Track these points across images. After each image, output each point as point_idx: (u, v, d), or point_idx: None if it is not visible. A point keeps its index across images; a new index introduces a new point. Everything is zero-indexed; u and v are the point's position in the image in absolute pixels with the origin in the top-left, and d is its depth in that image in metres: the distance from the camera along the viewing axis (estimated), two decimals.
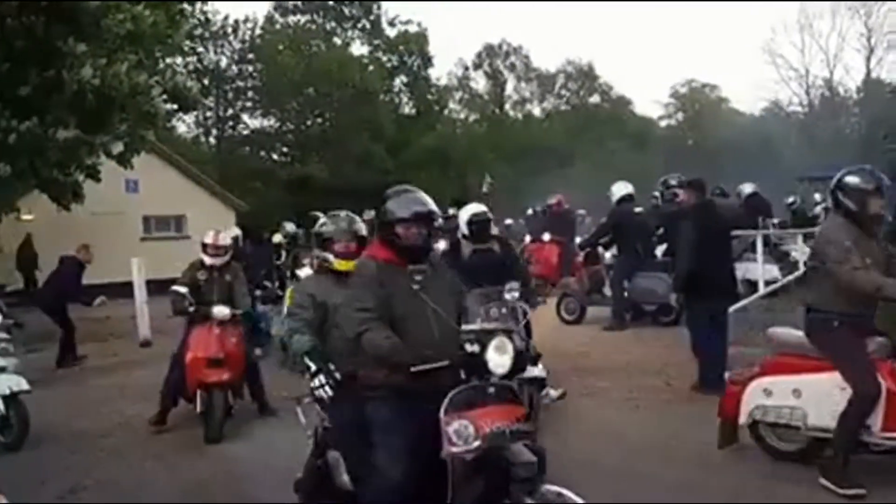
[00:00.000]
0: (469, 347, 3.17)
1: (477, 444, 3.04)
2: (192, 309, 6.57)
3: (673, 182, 10.47)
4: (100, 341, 10.66)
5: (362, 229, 4.19)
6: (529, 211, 17.35)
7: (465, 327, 3.34)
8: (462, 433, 3.05)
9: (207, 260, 6.89)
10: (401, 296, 3.41)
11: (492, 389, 3.19)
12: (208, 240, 6.96)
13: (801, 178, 24.28)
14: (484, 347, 3.16)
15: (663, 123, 53.49)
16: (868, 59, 43.25)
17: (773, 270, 11.18)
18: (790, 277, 11.67)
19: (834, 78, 45.38)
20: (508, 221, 18.77)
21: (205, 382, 6.28)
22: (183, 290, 6.62)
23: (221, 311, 6.53)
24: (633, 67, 73.92)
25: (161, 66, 13.96)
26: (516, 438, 3.12)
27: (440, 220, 4.23)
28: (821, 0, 45.98)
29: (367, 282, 3.41)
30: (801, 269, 12.34)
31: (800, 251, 12.67)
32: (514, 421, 3.13)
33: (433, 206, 3.55)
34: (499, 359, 3.18)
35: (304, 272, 9.01)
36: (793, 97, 46.79)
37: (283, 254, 11.15)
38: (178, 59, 28.02)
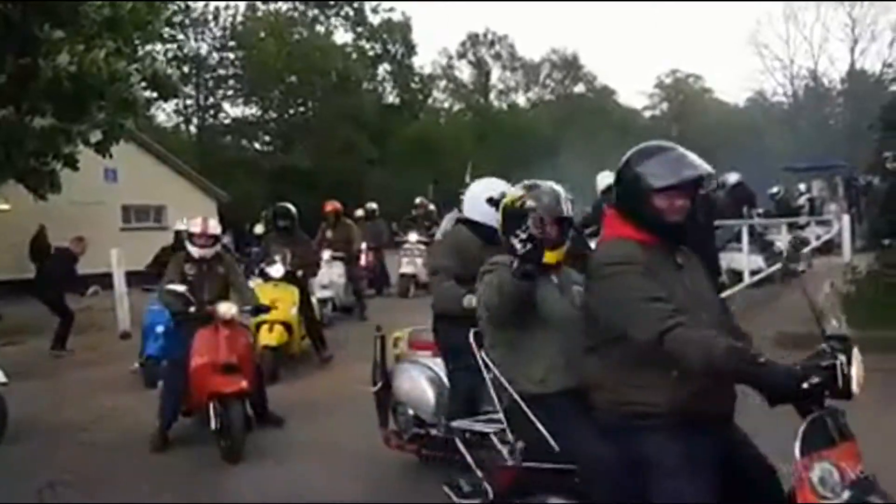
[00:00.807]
0: (841, 359, 2.33)
1: (847, 494, 2.29)
2: (192, 310, 5.64)
3: None
4: (79, 333, 10.48)
5: (570, 209, 3.31)
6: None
7: (832, 331, 2.48)
8: (827, 481, 2.31)
9: (196, 252, 6.03)
10: (670, 287, 2.54)
11: (844, 419, 2.41)
12: (196, 228, 6.10)
13: (785, 168, 24.43)
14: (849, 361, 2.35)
15: (648, 114, 53.76)
16: (852, 50, 43.69)
17: (759, 261, 11.20)
18: (775, 267, 11.71)
19: (818, 68, 45.86)
20: None
21: (218, 393, 5.32)
22: (181, 288, 5.70)
23: (229, 308, 5.64)
24: (618, 57, 74.37)
25: (140, 53, 13.71)
26: (872, 487, 2.38)
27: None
28: None
29: (640, 269, 2.52)
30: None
31: (784, 241, 12.73)
32: (859, 461, 2.39)
33: (706, 166, 2.64)
34: (857, 377, 2.38)
35: (275, 270, 8.14)
36: (777, 88, 47.23)
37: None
38: (158, 47, 27.58)
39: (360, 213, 14.55)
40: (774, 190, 16.39)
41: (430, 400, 4.49)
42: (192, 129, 36.34)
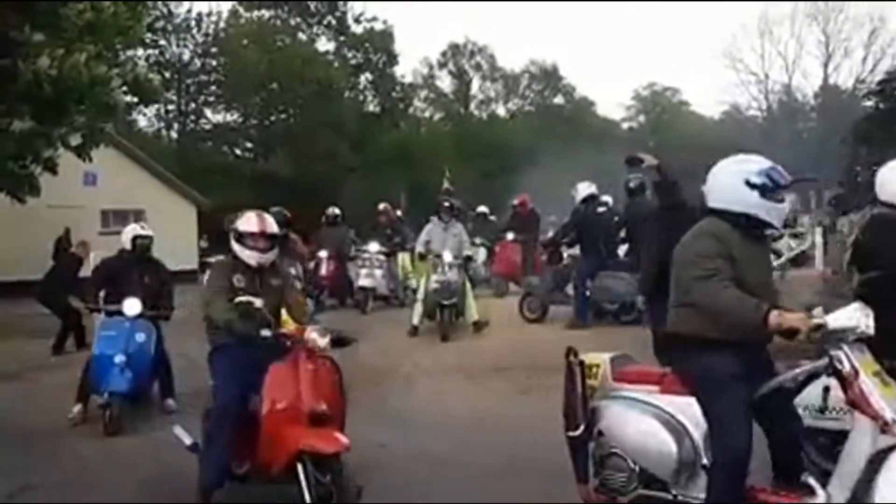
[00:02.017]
0: None
1: None
2: (266, 333, 4.22)
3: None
4: (54, 337, 10.43)
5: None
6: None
7: None
8: None
9: (254, 257, 4.57)
10: None
11: None
12: (250, 227, 4.59)
13: None
14: None
15: (625, 126, 54.18)
16: (825, 66, 44.41)
17: None
18: None
19: (792, 83, 46.49)
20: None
21: (312, 453, 3.92)
22: (258, 301, 4.35)
23: (322, 335, 4.19)
24: (597, 69, 74.86)
25: (121, 57, 13.70)
26: None
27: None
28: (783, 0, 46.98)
29: None
30: None
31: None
32: None
33: None
34: None
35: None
36: (752, 102, 47.82)
37: None
38: (140, 52, 27.53)
39: (323, 219, 14.42)
40: None
41: (670, 451, 3.41)
42: (173, 134, 36.20)
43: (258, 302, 4.35)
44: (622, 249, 10.79)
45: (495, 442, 5.60)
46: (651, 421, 3.47)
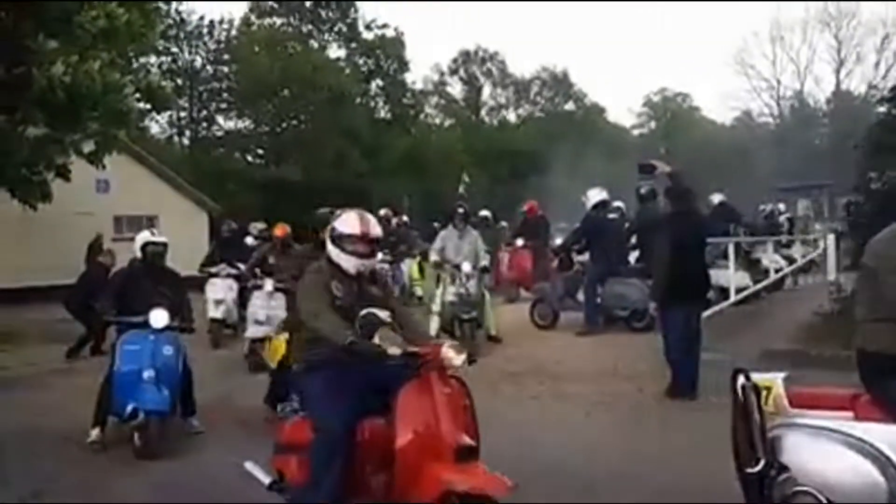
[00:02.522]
0: None
1: None
2: (396, 352, 3.63)
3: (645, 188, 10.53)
4: (66, 343, 10.48)
5: None
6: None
7: None
8: None
9: (353, 263, 4.01)
10: None
11: None
12: (351, 228, 4.02)
13: (778, 188, 24.79)
14: None
15: (636, 132, 54.12)
16: (838, 72, 44.27)
17: (745, 277, 11.37)
18: (760, 286, 11.91)
19: (804, 89, 46.34)
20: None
21: (469, 493, 3.26)
22: (384, 314, 3.76)
23: (458, 352, 3.61)
24: (607, 75, 74.97)
25: (134, 65, 13.80)
26: None
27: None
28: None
29: None
30: (772, 276, 12.62)
31: (768, 259, 12.98)
32: None
33: None
34: None
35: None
36: (764, 108, 47.67)
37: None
38: (152, 59, 27.79)
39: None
40: (768, 208, 16.67)
41: (876, 486, 3.02)
42: (185, 140, 36.36)
43: (384, 315, 3.76)
44: (633, 256, 10.79)
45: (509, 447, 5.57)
46: (848, 452, 3.04)
